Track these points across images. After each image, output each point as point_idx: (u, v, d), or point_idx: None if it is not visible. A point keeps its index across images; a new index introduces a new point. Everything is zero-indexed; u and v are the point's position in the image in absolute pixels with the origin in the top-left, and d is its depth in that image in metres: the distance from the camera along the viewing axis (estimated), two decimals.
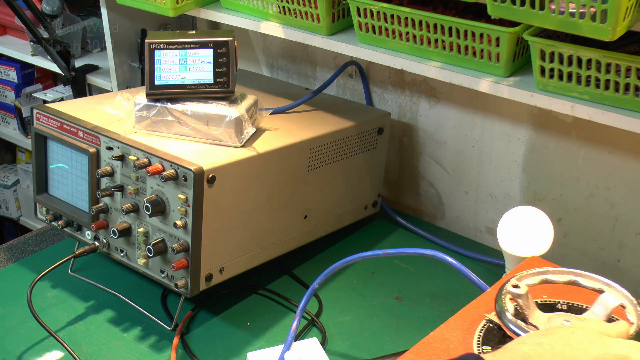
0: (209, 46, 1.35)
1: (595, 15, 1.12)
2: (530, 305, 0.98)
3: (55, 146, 1.44)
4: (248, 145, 1.36)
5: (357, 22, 1.44)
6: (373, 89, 1.74)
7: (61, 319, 1.39)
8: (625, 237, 1.47)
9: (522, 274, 1.03)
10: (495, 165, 1.60)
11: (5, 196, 2.94)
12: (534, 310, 0.98)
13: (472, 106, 1.58)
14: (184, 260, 1.29)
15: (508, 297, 0.98)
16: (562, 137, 1.48)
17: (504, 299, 0.98)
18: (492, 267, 1.53)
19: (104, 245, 1.42)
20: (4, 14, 2.52)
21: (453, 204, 1.71)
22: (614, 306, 0.96)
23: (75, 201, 1.44)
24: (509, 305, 0.98)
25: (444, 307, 1.42)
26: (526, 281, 1.01)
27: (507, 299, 0.98)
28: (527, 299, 0.97)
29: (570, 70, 1.24)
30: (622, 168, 1.42)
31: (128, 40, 2.00)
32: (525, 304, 0.97)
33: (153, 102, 1.36)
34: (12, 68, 2.69)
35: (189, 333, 1.37)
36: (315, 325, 1.38)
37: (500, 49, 1.30)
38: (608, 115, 1.22)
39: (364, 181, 1.61)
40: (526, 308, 0.97)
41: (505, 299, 0.98)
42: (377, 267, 1.54)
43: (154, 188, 1.31)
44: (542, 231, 1.36)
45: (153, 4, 1.65)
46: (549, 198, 1.54)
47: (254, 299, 1.46)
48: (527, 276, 1.03)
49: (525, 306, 0.97)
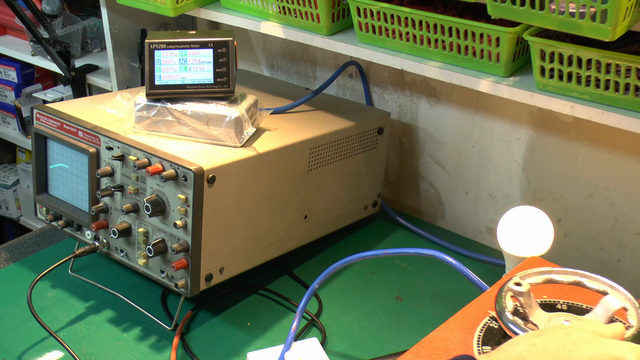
0: (209, 46, 1.35)
1: (595, 15, 1.12)
2: (532, 304, 0.98)
3: (55, 146, 1.44)
4: (248, 145, 1.36)
5: (357, 22, 1.44)
6: (373, 89, 1.74)
7: (61, 319, 1.39)
8: (625, 237, 1.47)
9: (525, 273, 1.02)
10: (495, 165, 1.60)
11: (5, 196, 2.94)
12: (535, 309, 0.98)
13: (472, 106, 1.58)
14: (184, 260, 1.29)
15: (509, 295, 0.98)
16: (562, 137, 1.48)
17: (505, 298, 0.98)
18: (492, 267, 1.53)
19: (104, 245, 1.42)
20: (4, 14, 2.52)
21: (453, 204, 1.71)
22: (617, 308, 0.96)
23: (75, 201, 1.44)
24: (509, 303, 0.97)
25: (444, 307, 1.42)
26: (529, 280, 1.01)
27: (509, 296, 0.98)
28: (529, 298, 0.97)
29: (570, 70, 1.24)
30: (622, 168, 1.42)
31: (128, 40, 2.00)
32: (527, 303, 0.97)
33: (153, 102, 1.36)
34: (12, 68, 2.69)
35: (189, 333, 1.37)
36: (315, 325, 1.38)
37: (500, 49, 1.30)
38: (608, 115, 1.22)
39: (364, 181, 1.61)
40: (527, 307, 0.97)
41: (506, 297, 0.98)
42: (377, 267, 1.54)
43: (154, 188, 1.31)
44: (543, 231, 1.36)
45: (153, 4, 1.65)
46: (549, 198, 1.54)
47: (254, 299, 1.46)
48: (530, 275, 1.02)
49: (526, 305, 0.97)
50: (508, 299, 0.98)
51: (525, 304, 0.97)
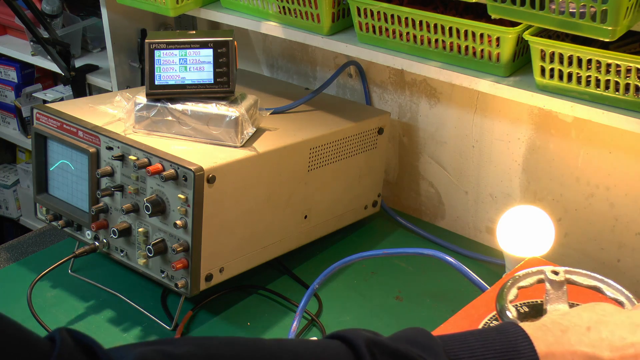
0: (209, 46, 1.35)
1: (595, 15, 1.12)
2: (561, 297, 0.96)
3: (55, 146, 1.44)
4: (248, 145, 1.36)
5: (357, 22, 1.44)
6: (373, 89, 1.74)
7: (61, 319, 1.39)
8: (625, 237, 1.47)
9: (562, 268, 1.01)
10: (495, 165, 1.60)
11: (5, 196, 2.94)
12: (560, 303, 0.96)
13: (472, 106, 1.58)
14: (184, 260, 1.29)
15: (536, 279, 0.98)
16: (562, 137, 1.48)
17: (507, 294, 0.97)
18: (492, 267, 1.53)
19: (104, 245, 1.42)
20: (4, 14, 2.52)
21: (453, 204, 1.71)
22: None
23: (75, 201, 1.44)
24: (511, 307, 0.97)
25: (444, 307, 1.41)
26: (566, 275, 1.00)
27: (510, 296, 0.97)
28: (561, 289, 0.96)
29: (570, 70, 1.24)
30: (622, 168, 1.42)
31: (128, 40, 2.00)
32: (556, 294, 0.96)
33: (153, 102, 1.36)
34: (12, 68, 2.69)
35: (189, 333, 1.37)
36: (315, 325, 1.38)
37: (500, 49, 1.30)
38: (608, 115, 1.22)
39: (364, 181, 1.61)
40: (554, 297, 0.96)
41: (508, 295, 0.97)
42: (377, 267, 1.54)
43: (154, 188, 1.31)
44: (543, 231, 1.36)
45: (153, 4, 1.65)
46: (549, 198, 1.54)
47: (254, 299, 1.46)
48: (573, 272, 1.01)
49: (554, 296, 0.96)
50: (510, 298, 0.98)
51: (553, 295, 0.96)
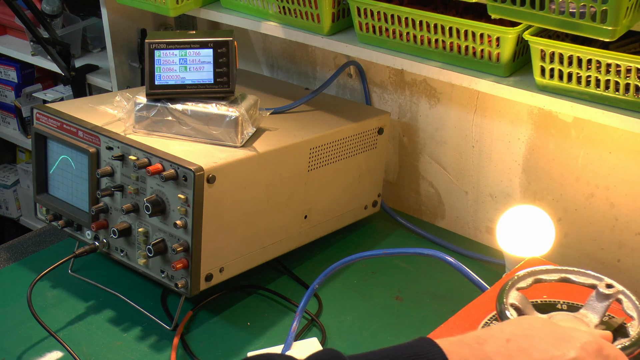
0: (209, 46, 1.35)
1: (595, 15, 1.12)
2: (598, 309, 0.95)
3: (55, 146, 1.44)
4: (248, 145, 1.36)
5: (357, 22, 1.44)
6: (373, 89, 1.74)
7: (61, 319, 1.39)
8: (625, 237, 1.47)
9: (534, 269, 1.01)
10: (495, 165, 1.60)
11: (5, 196, 2.94)
12: (593, 313, 0.96)
13: (472, 106, 1.58)
14: (184, 260, 1.29)
15: (532, 280, 0.98)
16: (562, 137, 1.48)
17: (508, 296, 0.97)
18: (492, 267, 1.53)
19: (104, 245, 1.42)
20: (4, 14, 2.52)
21: (453, 204, 1.71)
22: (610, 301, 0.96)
23: (75, 201, 1.44)
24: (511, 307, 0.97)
25: (444, 307, 1.41)
26: (528, 281, 1.00)
27: (512, 296, 0.97)
28: (603, 302, 0.95)
29: (570, 70, 1.24)
30: (622, 168, 1.42)
31: (128, 40, 2.00)
32: (593, 304, 0.96)
33: (153, 102, 1.36)
34: (12, 68, 2.69)
35: (189, 333, 1.37)
36: (315, 325, 1.38)
37: (500, 49, 1.30)
38: (608, 115, 1.22)
39: (364, 181, 1.61)
40: (591, 306, 0.96)
41: (508, 295, 0.97)
42: (377, 267, 1.54)
43: (154, 188, 1.31)
44: (543, 231, 1.36)
45: (153, 4, 1.65)
46: (549, 198, 1.54)
47: (254, 299, 1.46)
48: (541, 272, 1.01)
49: (592, 305, 0.96)
50: (513, 296, 0.98)
51: (592, 304, 0.96)
